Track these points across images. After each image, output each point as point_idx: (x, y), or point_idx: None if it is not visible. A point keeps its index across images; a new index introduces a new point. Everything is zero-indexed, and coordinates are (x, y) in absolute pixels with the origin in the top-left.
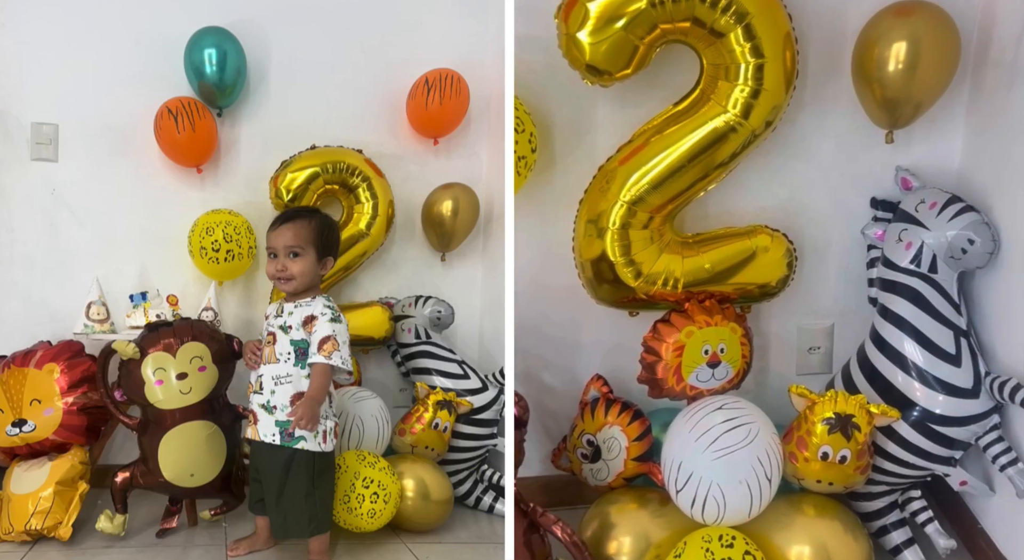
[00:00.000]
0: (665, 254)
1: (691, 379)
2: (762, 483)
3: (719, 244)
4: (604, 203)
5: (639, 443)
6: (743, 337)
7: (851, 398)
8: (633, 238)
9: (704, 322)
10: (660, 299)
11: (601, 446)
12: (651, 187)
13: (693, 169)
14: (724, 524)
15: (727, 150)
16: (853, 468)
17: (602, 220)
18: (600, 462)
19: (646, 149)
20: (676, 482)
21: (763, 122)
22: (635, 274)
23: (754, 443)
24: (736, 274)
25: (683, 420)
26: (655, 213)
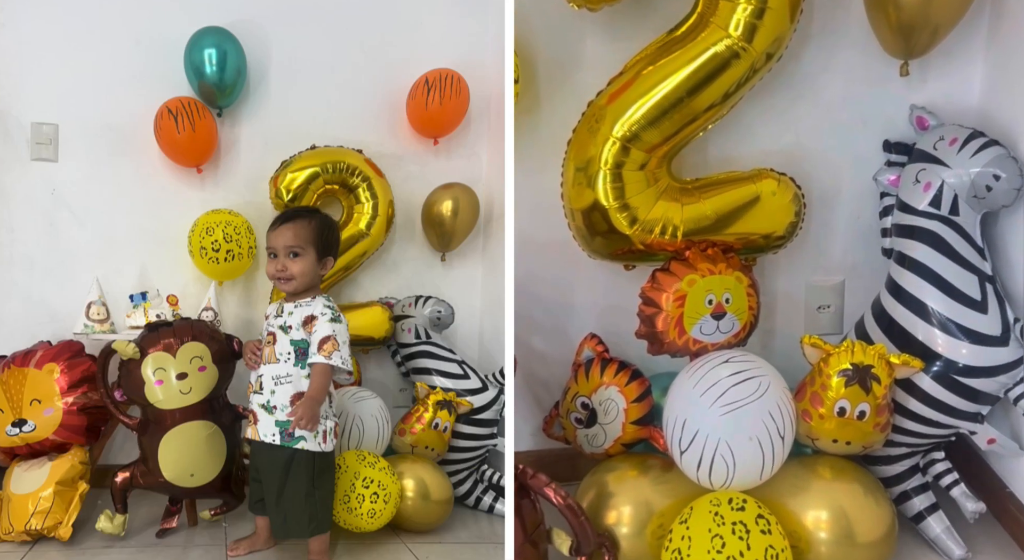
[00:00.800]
0: (662, 200)
1: (694, 332)
2: (774, 440)
3: (721, 189)
4: (593, 146)
5: (638, 405)
6: (749, 287)
7: (869, 348)
8: (627, 180)
9: (707, 270)
10: (658, 249)
11: (597, 409)
12: (646, 123)
13: (692, 102)
14: (733, 488)
15: (729, 79)
16: (872, 425)
17: (592, 165)
18: (596, 427)
19: (638, 81)
20: (680, 442)
21: (764, 52)
22: (630, 220)
23: (764, 397)
24: (740, 221)
25: (687, 375)
26: (651, 153)
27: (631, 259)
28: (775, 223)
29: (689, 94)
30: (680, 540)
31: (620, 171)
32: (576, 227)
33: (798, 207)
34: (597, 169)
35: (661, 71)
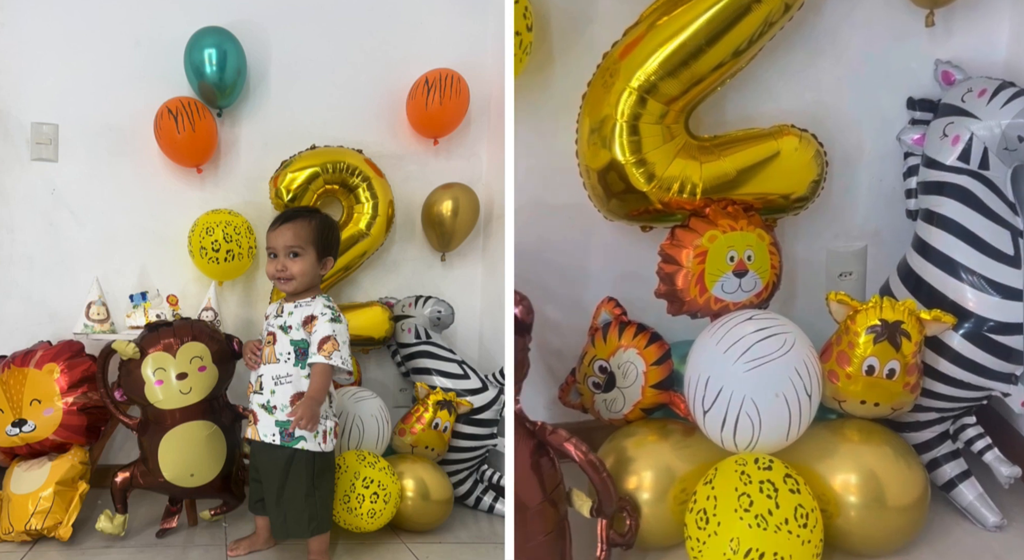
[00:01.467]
0: (680, 157)
1: (715, 290)
2: (801, 398)
3: (741, 146)
4: (607, 103)
5: (658, 368)
6: (771, 245)
7: (898, 304)
8: (644, 133)
9: (728, 226)
10: (676, 207)
11: (615, 372)
12: (664, 73)
13: (711, 51)
14: (759, 450)
15: (749, 27)
16: (902, 384)
17: (608, 121)
18: (615, 391)
19: (653, 32)
20: (703, 401)
21: (782, 2)
22: (647, 177)
23: (790, 353)
24: (761, 179)
25: (709, 333)
26: (669, 105)
27: (648, 219)
28: (797, 182)
29: (708, 42)
30: (705, 501)
31: (637, 124)
32: (591, 186)
33: (820, 165)
34: (613, 122)
35: (679, 19)
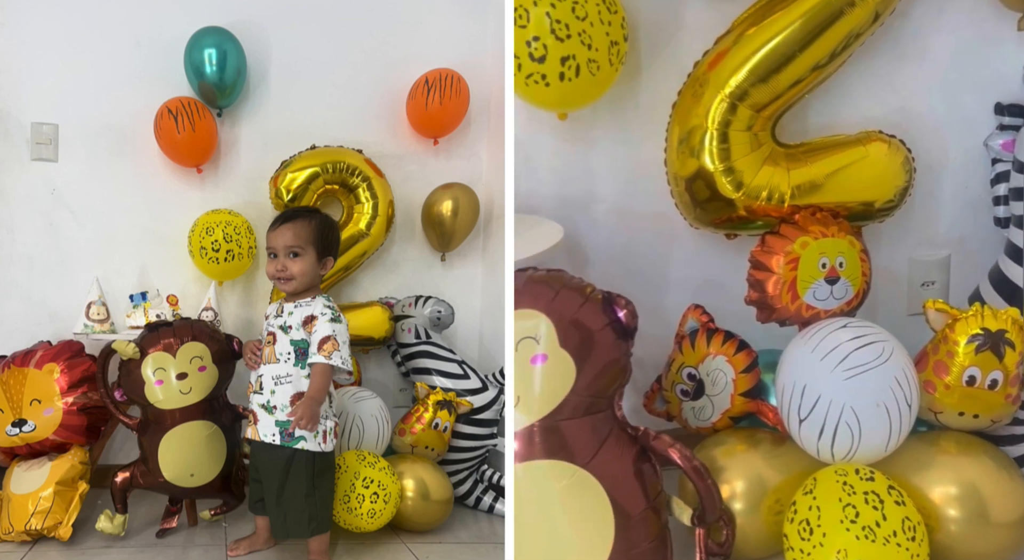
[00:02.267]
0: (767, 165)
1: (807, 297)
2: (901, 408)
3: (828, 153)
4: (696, 115)
5: (747, 376)
6: (862, 253)
7: (1000, 312)
8: (734, 141)
9: (819, 233)
10: (762, 214)
11: (704, 380)
12: (756, 79)
13: (803, 56)
14: (856, 460)
15: (842, 30)
16: (1003, 396)
17: (697, 130)
18: (703, 399)
19: (742, 42)
20: (800, 409)
21: (872, 11)
22: (736, 184)
23: (890, 362)
24: (849, 186)
25: (803, 341)
26: (759, 113)
27: (733, 227)
28: (885, 188)
29: (801, 47)
30: (807, 511)
31: (727, 131)
32: (679, 194)
33: (909, 171)
34: (703, 131)
35: (772, 26)
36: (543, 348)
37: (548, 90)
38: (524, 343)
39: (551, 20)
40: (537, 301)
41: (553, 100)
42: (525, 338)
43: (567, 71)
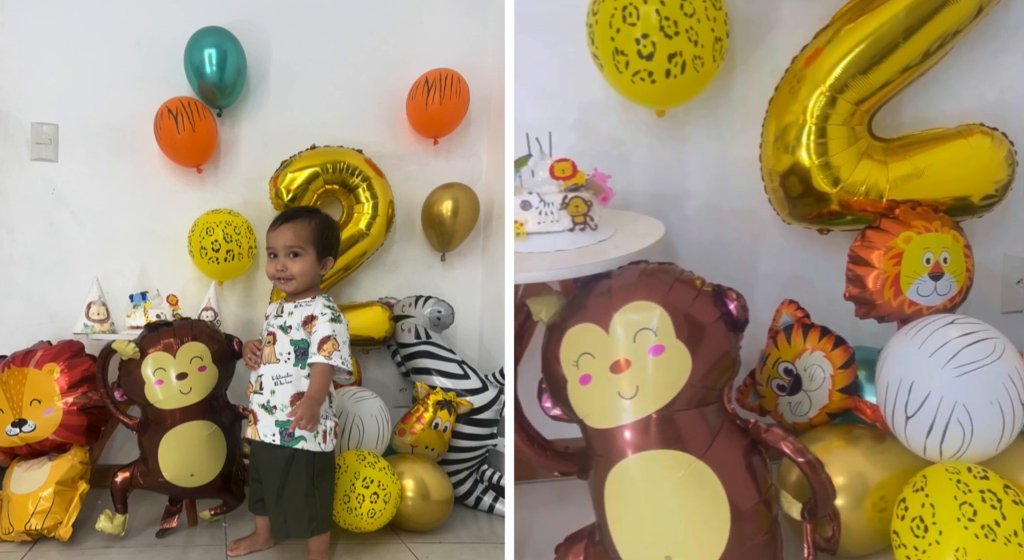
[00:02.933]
0: (865, 160)
1: (910, 293)
2: (1015, 406)
3: (928, 146)
4: (790, 112)
5: (845, 372)
6: (965, 248)
7: None
8: (831, 135)
9: (923, 227)
10: (858, 210)
11: (802, 374)
12: (857, 71)
13: (907, 47)
14: (966, 458)
15: (946, 21)
16: None
17: (794, 125)
18: (800, 394)
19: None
20: (907, 406)
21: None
22: (833, 180)
23: (1002, 360)
24: (950, 180)
25: (907, 337)
26: (858, 106)
27: (826, 222)
28: (985, 182)
29: (904, 37)
30: (920, 508)
31: (825, 126)
32: (773, 190)
33: (1011, 165)
34: (800, 126)
35: (873, 19)
36: (660, 339)
37: (653, 87)
38: (641, 334)
39: (660, 17)
40: (652, 293)
41: (657, 97)
42: (642, 329)
43: (673, 68)
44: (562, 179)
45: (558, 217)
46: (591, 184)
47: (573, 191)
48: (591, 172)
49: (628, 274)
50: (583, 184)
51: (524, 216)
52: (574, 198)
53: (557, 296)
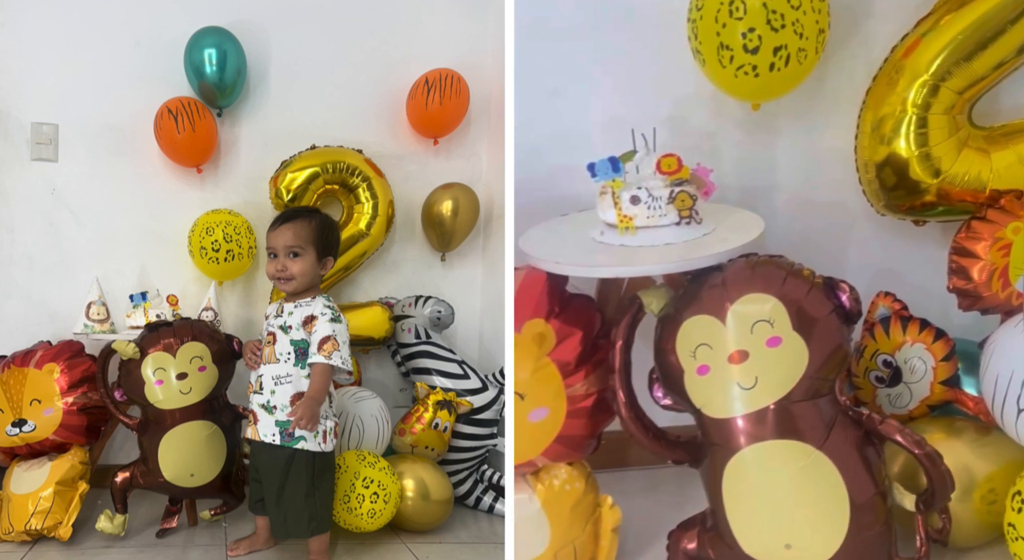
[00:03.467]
0: (966, 150)
1: (1020, 284)
2: None
3: None
4: (887, 104)
5: (946, 364)
6: None
7: None
8: (932, 125)
9: None
10: (958, 200)
11: (902, 367)
12: (961, 58)
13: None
14: None
15: None
16: None
17: (892, 116)
18: (900, 386)
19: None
20: (1019, 399)
21: None
22: (933, 171)
23: None
24: None
25: (1017, 329)
26: (960, 95)
27: (923, 213)
28: None
29: (1012, 21)
30: None
31: (926, 115)
32: (868, 181)
33: None
34: (899, 117)
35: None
36: (777, 331)
37: (755, 81)
38: (759, 326)
39: (767, 11)
40: (768, 285)
41: (757, 91)
42: (759, 321)
43: (778, 61)
44: (668, 174)
45: (665, 211)
46: (695, 178)
47: (679, 186)
48: (694, 167)
49: (740, 267)
50: (688, 179)
51: (633, 211)
52: (680, 192)
53: (666, 288)
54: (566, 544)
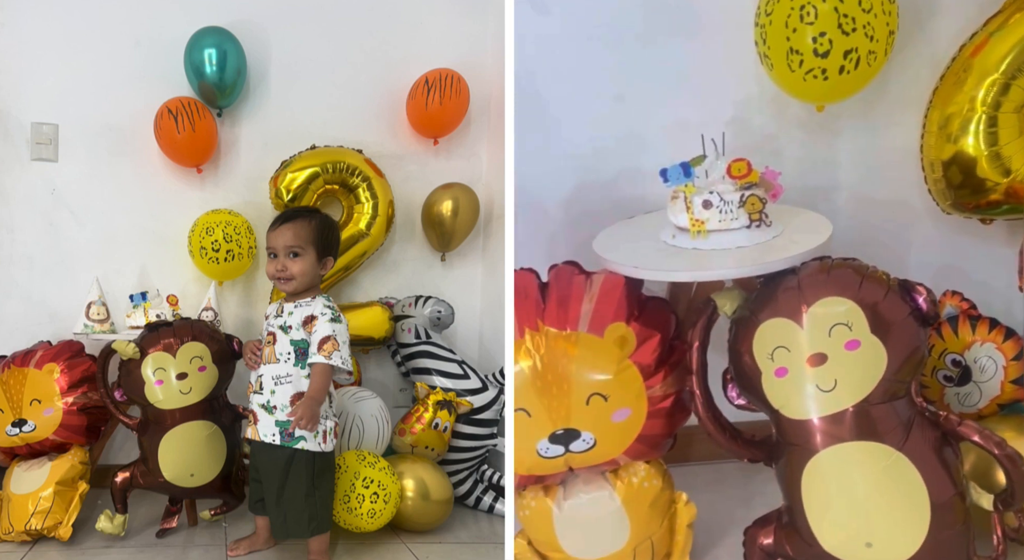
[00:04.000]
0: None
1: None
2: None
3: None
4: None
5: (1017, 364)
6: None
7: None
8: (1003, 124)
9: None
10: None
11: (972, 366)
12: None
13: None
14: None
15: None
16: None
17: (956, 119)
18: (970, 385)
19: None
20: None
21: None
22: (1003, 171)
23: None
24: None
25: None
26: None
27: (990, 212)
28: None
29: None
30: None
31: (996, 114)
32: (934, 180)
33: None
34: (965, 116)
35: None
36: (855, 334)
37: (824, 84)
38: (837, 329)
39: (839, 15)
40: (845, 289)
41: (824, 93)
42: (837, 324)
43: (848, 64)
44: (738, 178)
45: (736, 215)
46: (763, 182)
47: (748, 189)
48: (762, 170)
49: (815, 270)
50: (757, 182)
51: (705, 214)
52: (750, 196)
53: (739, 291)
54: (644, 539)
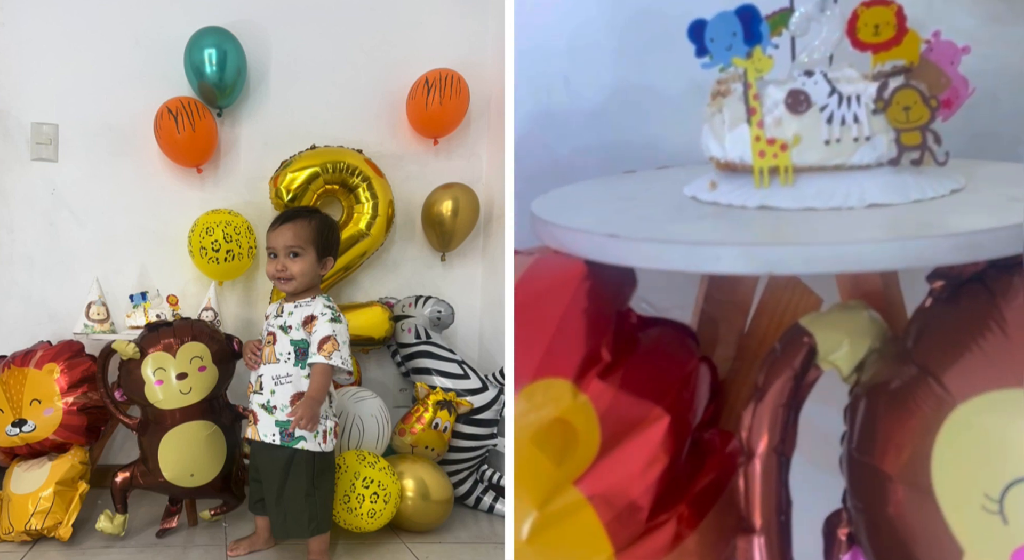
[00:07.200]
0: None
1: None
2: None
3: None
4: None
5: None
6: None
7: None
8: None
9: None
10: None
11: None
12: None
13: None
14: None
15: None
16: None
17: None
18: None
19: None
20: None
21: None
22: None
23: None
24: None
25: None
26: None
27: None
28: None
29: None
30: None
31: None
32: None
33: None
34: None
35: None
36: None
37: None
38: None
39: None
40: None
41: None
42: None
43: None
44: (875, 48)
45: (868, 129)
46: (926, 66)
47: (895, 76)
48: (930, 39)
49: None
50: (915, 65)
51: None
52: (902, 90)
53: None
54: None
